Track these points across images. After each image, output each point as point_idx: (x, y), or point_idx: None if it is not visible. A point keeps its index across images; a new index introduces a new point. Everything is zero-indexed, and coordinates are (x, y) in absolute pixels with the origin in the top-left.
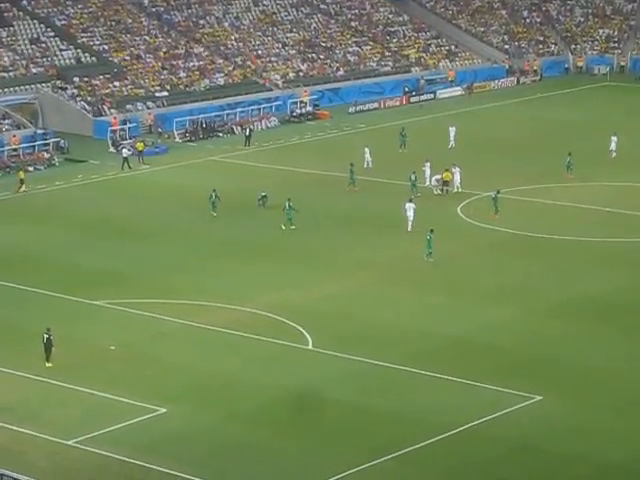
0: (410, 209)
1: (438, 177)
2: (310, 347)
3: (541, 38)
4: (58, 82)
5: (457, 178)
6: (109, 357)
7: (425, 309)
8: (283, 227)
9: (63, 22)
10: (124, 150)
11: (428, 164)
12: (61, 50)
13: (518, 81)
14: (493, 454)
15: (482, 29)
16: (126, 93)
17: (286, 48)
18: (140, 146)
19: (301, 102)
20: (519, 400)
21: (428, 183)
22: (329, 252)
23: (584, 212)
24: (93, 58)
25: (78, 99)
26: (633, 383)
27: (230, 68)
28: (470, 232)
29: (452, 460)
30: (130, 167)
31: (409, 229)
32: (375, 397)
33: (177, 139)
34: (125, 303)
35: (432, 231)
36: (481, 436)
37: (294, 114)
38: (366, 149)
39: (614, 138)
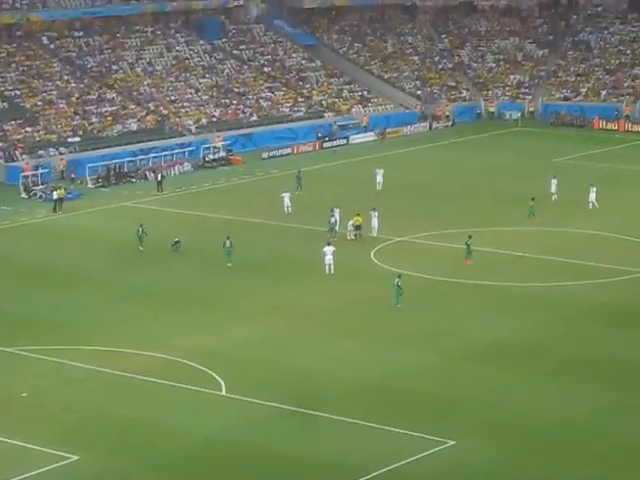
0: (329, 252)
1: (352, 222)
2: (223, 393)
3: (453, 84)
4: None
5: (375, 223)
6: (20, 404)
7: (339, 354)
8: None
9: None
10: (54, 193)
11: (337, 210)
12: None
13: (430, 126)
14: None
15: (394, 75)
16: (38, 139)
17: (199, 93)
18: (60, 193)
19: (214, 148)
20: (432, 445)
21: (337, 229)
22: (242, 297)
23: (499, 257)
24: (5, 103)
25: None
26: (547, 426)
27: (143, 113)
28: (384, 277)
29: None
30: (57, 210)
31: (327, 272)
32: (288, 442)
33: (90, 185)
34: (37, 350)
35: (400, 276)
36: None
37: (207, 160)
38: (284, 194)
39: (554, 181)
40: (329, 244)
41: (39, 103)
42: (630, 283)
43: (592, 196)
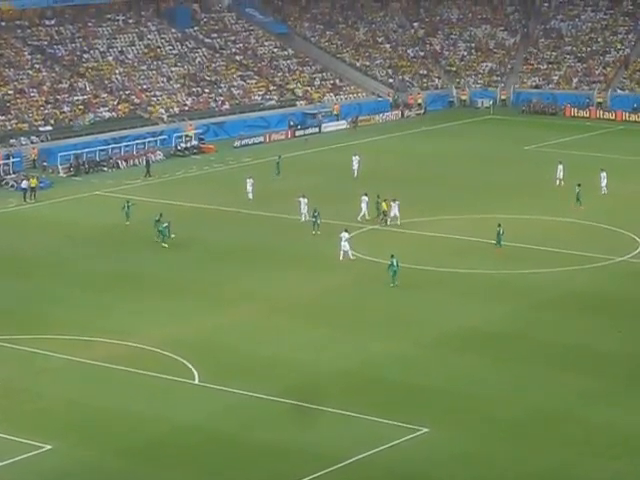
0: (344, 239)
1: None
2: (196, 381)
3: (425, 72)
4: None
5: (363, 207)
6: None
7: (312, 342)
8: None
9: None
10: (24, 182)
11: (305, 199)
12: None
13: (403, 114)
14: None
15: (366, 63)
16: (10, 128)
17: (171, 82)
18: (33, 182)
19: (186, 136)
20: (405, 432)
21: (303, 219)
22: (215, 285)
23: (473, 244)
24: None
25: None
26: (517, 411)
27: (115, 102)
28: (355, 265)
29: None
30: (27, 199)
31: (341, 258)
32: (260, 431)
33: (61, 174)
34: (9, 339)
35: (393, 256)
36: (368, 469)
37: (179, 148)
38: (248, 180)
39: (560, 166)
40: (345, 230)
41: (10, 92)
42: (604, 270)
43: (603, 182)
